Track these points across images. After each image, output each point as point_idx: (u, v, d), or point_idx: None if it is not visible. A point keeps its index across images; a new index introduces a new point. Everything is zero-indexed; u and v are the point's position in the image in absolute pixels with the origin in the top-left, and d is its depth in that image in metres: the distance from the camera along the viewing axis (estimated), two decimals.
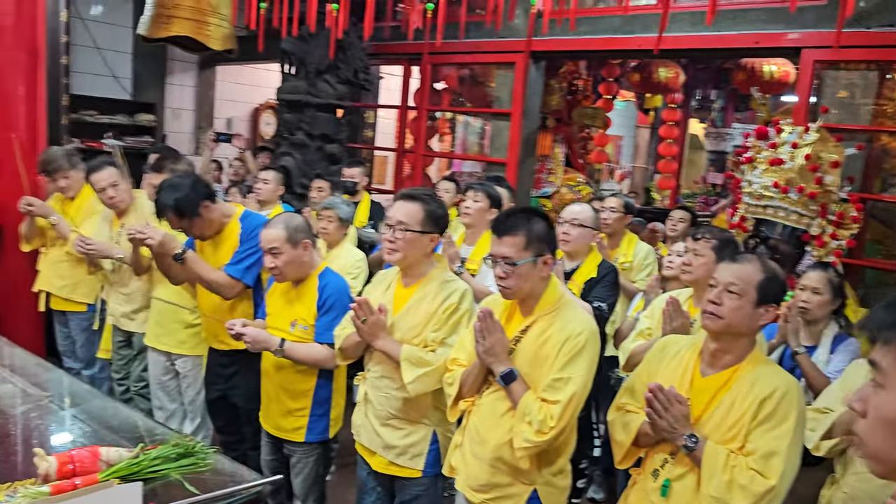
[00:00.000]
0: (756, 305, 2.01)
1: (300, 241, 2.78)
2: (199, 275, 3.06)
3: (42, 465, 1.57)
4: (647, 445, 2.15)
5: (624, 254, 4.27)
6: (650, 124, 12.26)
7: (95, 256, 3.79)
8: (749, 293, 2.01)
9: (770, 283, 2.03)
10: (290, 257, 2.76)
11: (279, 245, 2.74)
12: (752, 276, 2.03)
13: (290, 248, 2.75)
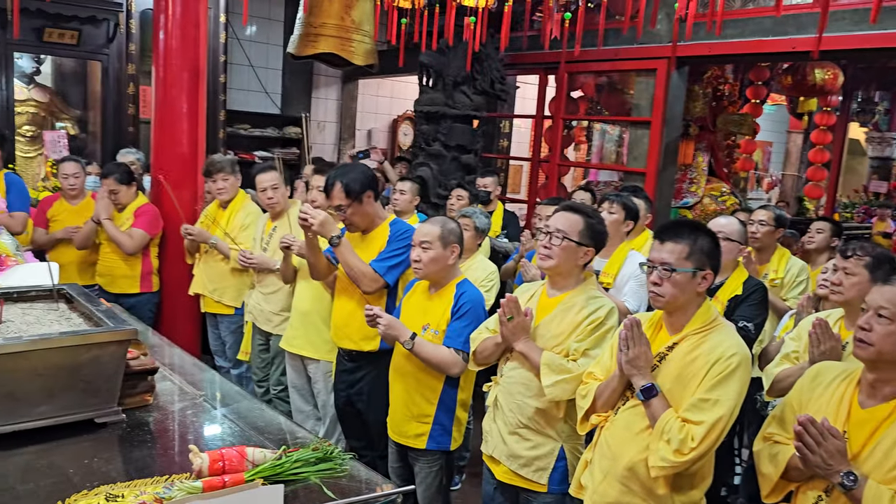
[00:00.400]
0: None
1: (450, 244, 2.85)
2: (347, 261, 3.13)
3: (196, 461, 1.68)
4: (797, 480, 2.00)
5: (774, 269, 4.01)
6: (804, 129, 11.46)
7: (256, 268, 4.05)
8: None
9: None
10: (437, 255, 2.82)
11: (431, 240, 2.82)
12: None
13: (440, 246, 2.82)
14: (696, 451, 2.00)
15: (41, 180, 6.12)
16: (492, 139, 7.61)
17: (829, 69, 7.70)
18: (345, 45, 5.28)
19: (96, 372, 1.91)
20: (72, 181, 4.58)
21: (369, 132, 9.10)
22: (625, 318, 2.21)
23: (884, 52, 4.59)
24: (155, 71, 4.71)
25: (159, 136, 4.76)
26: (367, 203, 3.19)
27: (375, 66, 5.74)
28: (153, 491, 1.61)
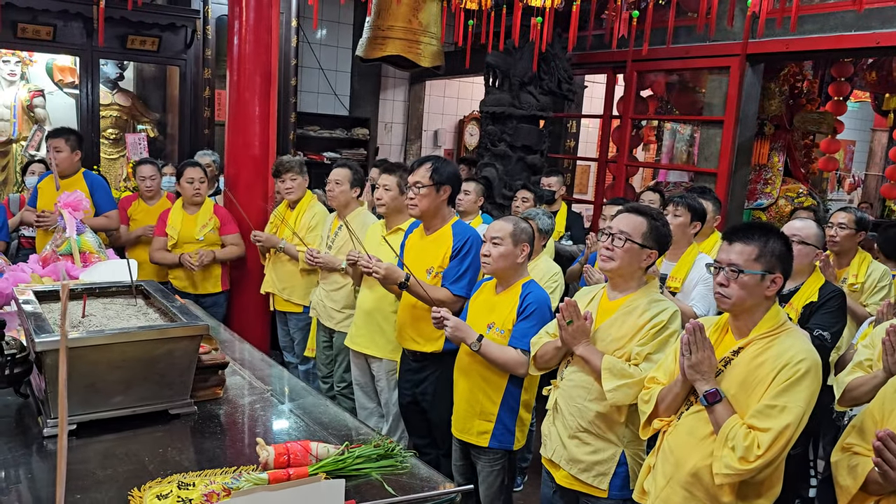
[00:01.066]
0: None
1: (521, 242, 2.87)
2: (422, 297, 3.18)
3: (262, 453, 1.73)
4: (878, 494, 1.92)
5: (854, 274, 3.84)
6: (889, 127, 10.92)
7: (323, 268, 4.14)
8: None
9: None
10: (507, 251, 2.84)
11: (502, 236, 2.85)
12: None
13: (510, 243, 2.85)
14: (762, 459, 1.94)
15: (123, 180, 6.41)
16: (558, 139, 7.54)
17: None
18: (412, 48, 5.34)
19: (170, 365, 1.99)
20: (148, 183, 4.79)
21: (436, 133, 9.16)
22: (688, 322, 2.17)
23: None
24: (229, 75, 4.86)
25: (233, 139, 4.91)
26: (443, 194, 3.24)
27: (442, 67, 5.78)
28: (222, 481, 1.67)
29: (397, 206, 3.63)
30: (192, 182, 4.52)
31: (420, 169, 3.24)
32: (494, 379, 2.87)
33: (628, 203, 2.63)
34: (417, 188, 3.22)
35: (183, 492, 1.61)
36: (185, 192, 4.56)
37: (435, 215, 3.31)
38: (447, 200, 3.30)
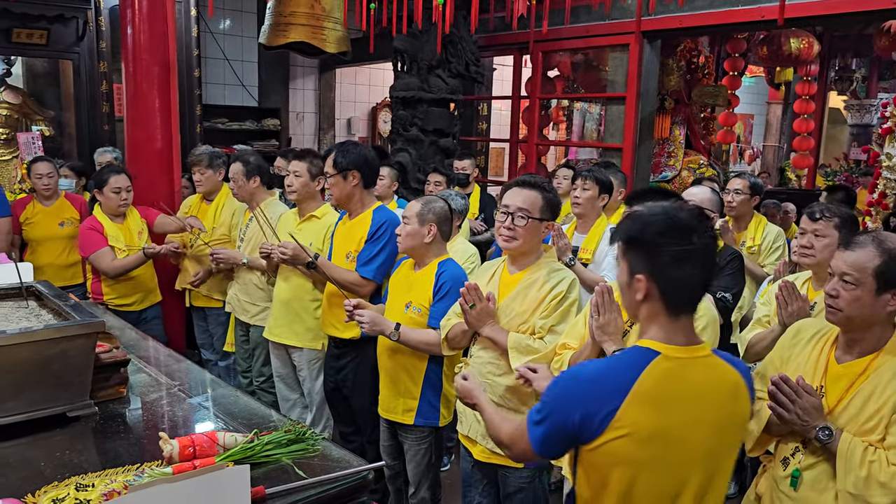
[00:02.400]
0: (878, 293, 1.86)
1: (427, 222, 2.88)
2: (332, 277, 3.22)
3: (166, 447, 1.69)
4: (779, 434, 2.04)
5: (751, 237, 4.04)
6: (782, 100, 11.50)
7: (225, 264, 4.09)
8: (867, 282, 1.86)
9: (890, 266, 1.85)
10: (412, 231, 2.87)
11: (409, 216, 2.89)
12: (867, 262, 1.87)
13: (416, 223, 2.87)
14: None
15: (17, 182, 6.08)
16: (470, 122, 7.59)
17: (804, 38, 7.72)
18: (316, 34, 5.24)
19: (66, 366, 1.91)
20: (45, 181, 4.53)
21: (349, 121, 9.08)
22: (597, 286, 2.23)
23: (851, 16, 4.59)
24: (125, 67, 4.67)
25: (133, 133, 4.72)
26: (352, 179, 3.24)
27: (349, 53, 5.70)
28: (123, 479, 1.62)
29: (309, 193, 3.60)
30: (119, 192, 4.07)
31: (328, 159, 3.27)
32: (414, 359, 2.89)
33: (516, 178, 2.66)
34: (327, 177, 3.27)
35: (81, 493, 1.55)
36: (110, 202, 4.08)
37: (350, 201, 3.31)
38: (363, 184, 3.29)
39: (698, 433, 1.52)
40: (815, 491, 1.90)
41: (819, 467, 1.90)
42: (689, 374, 1.53)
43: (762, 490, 2.08)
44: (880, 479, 1.75)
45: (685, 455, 1.52)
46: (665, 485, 1.52)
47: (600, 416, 1.47)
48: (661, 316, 1.55)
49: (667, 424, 1.49)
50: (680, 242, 1.50)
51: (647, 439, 1.47)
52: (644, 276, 1.53)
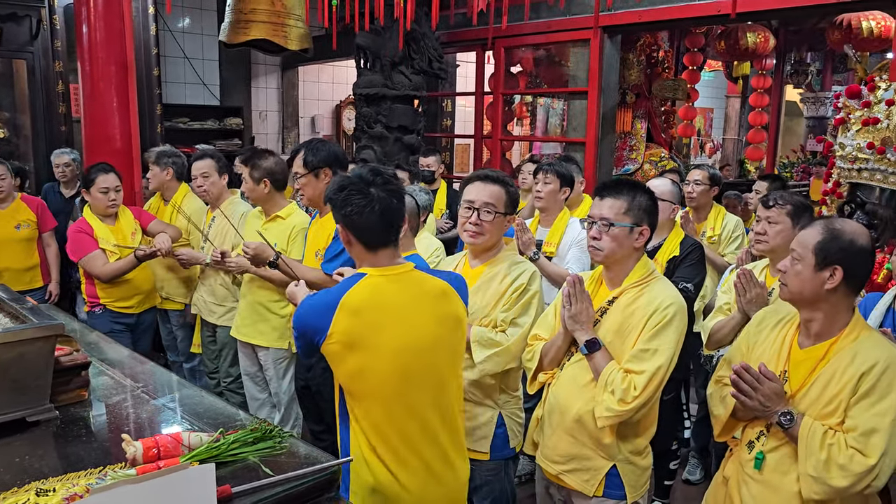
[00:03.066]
0: (817, 269, 1.92)
1: None
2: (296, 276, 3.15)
3: (129, 449, 1.67)
4: (744, 419, 2.09)
5: (711, 227, 4.13)
6: (740, 93, 11.71)
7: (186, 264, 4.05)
8: (807, 257, 1.93)
9: (830, 243, 1.92)
10: None
11: None
12: (810, 239, 1.95)
13: None
14: (638, 399, 2.08)
15: None
16: (435, 119, 7.60)
17: (760, 32, 7.87)
18: (277, 31, 5.21)
19: (23, 370, 1.87)
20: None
21: (313, 119, 9.02)
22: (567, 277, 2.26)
23: (804, 10, 4.70)
24: (81, 66, 4.59)
25: (91, 133, 4.65)
26: (323, 177, 3.20)
27: (310, 50, 5.68)
28: (85, 482, 1.59)
29: (256, 197, 3.56)
30: (107, 192, 3.92)
31: (296, 160, 3.21)
32: None
33: (477, 171, 2.68)
34: (297, 177, 3.20)
35: (42, 498, 1.52)
36: (98, 203, 3.93)
37: (322, 200, 3.27)
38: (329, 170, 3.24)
39: (419, 327, 1.97)
40: (777, 473, 1.95)
41: (782, 450, 1.95)
42: (392, 285, 1.99)
43: (729, 473, 2.12)
44: (839, 461, 1.80)
45: (408, 344, 1.95)
46: (397, 370, 1.94)
47: (321, 329, 1.91)
48: (364, 255, 2.01)
49: (375, 324, 1.92)
50: (361, 196, 1.94)
51: (356, 341, 1.91)
52: (340, 225, 2.00)
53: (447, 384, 2.06)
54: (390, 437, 1.97)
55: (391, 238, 2.01)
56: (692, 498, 3.84)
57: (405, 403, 1.97)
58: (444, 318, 2.04)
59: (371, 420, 1.97)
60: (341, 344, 1.91)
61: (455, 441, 2.10)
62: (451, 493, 2.10)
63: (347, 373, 1.95)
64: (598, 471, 2.21)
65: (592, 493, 2.21)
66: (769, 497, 1.96)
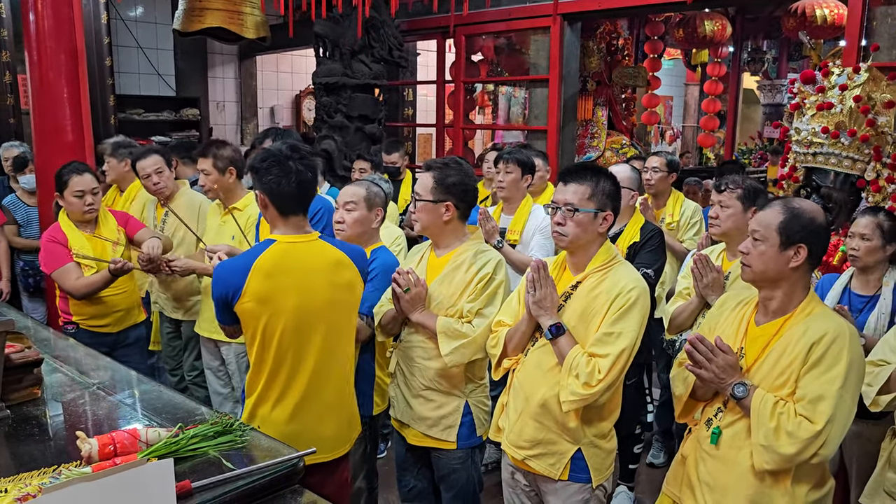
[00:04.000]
0: (782, 248, 1.95)
1: (376, 206, 2.84)
2: None
3: (84, 447, 1.62)
4: (704, 398, 2.12)
5: (670, 213, 4.17)
6: (699, 81, 11.87)
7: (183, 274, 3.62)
8: (771, 237, 1.97)
9: (792, 222, 1.96)
10: (362, 216, 2.81)
11: (356, 201, 2.80)
12: (772, 219, 1.98)
13: (364, 208, 2.81)
14: (603, 383, 2.08)
15: None
16: (396, 108, 7.55)
17: (718, 20, 7.97)
18: (233, 18, 5.11)
19: None
20: None
21: (272, 109, 8.89)
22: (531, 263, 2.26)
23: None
24: (28, 55, 4.43)
25: (40, 124, 4.49)
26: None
27: (268, 38, 5.58)
28: (38, 482, 1.55)
29: (223, 187, 3.50)
30: (83, 196, 3.41)
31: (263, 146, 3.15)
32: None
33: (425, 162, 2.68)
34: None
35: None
36: (73, 208, 3.42)
37: None
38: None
39: (315, 289, 2.22)
40: (733, 448, 1.98)
41: (738, 425, 1.98)
42: (297, 251, 2.23)
43: (687, 451, 2.15)
44: (787, 428, 1.84)
45: (306, 304, 2.19)
46: (295, 325, 2.18)
47: (236, 288, 2.14)
48: (277, 219, 2.24)
49: (281, 285, 2.16)
50: (280, 168, 2.18)
51: (265, 299, 2.15)
52: (258, 192, 2.22)
53: (337, 339, 2.32)
54: (286, 382, 2.22)
55: (302, 207, 2.26)
56: (656, 481, 3.87)
57: (294, 355, 2.22)
58: (339, 284, 2.28)
59: (272, 368, 2.21)
60: (254, 301, 2.14)
61: (345, 388, 2.40)
62: (339, 431, 2.37)
63: (256, 328, 2.17)
64: (563, 455, 2.22)
65: (558, 477, 2.22)
66: (724, 472, 1.99)
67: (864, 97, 3.29)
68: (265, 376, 2.22)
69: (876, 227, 2.82)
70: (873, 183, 3.33)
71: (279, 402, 2.22)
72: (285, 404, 2.22)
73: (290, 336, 2.19)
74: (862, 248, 2.83)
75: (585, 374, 2.09)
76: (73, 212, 3.45)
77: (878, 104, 3.32)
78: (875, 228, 2.82)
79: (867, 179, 3.35)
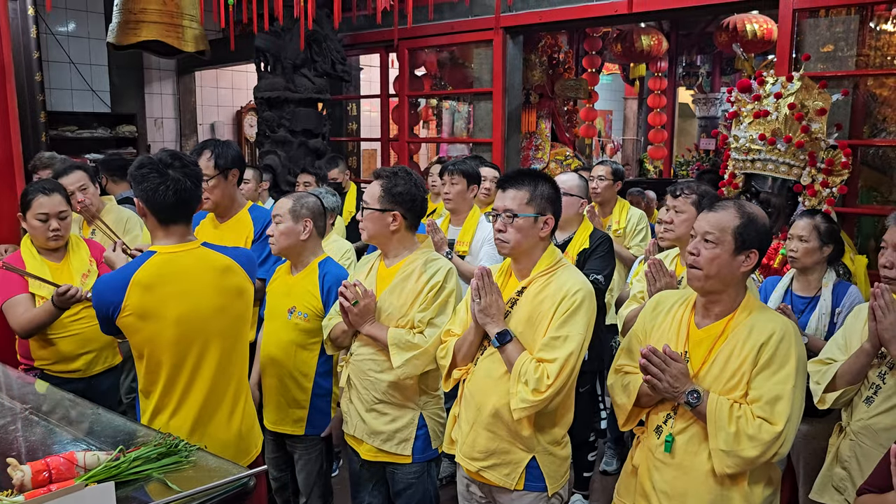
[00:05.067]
0: (735, 253, 1.96)
1: (302, 217, 2.78)
2: None
3: (16, 474, 1.52)
4: (649, 405, 2.10)
5: (617, 220, 4.22)
6: (637, 95, 12.16)
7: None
8: (726, 241, 1.96)
9: (748, 227, 1.96)
10: (287, 229, 2.76)
11: (282, 214, 2.77)
12: (728, 223, 1.97)
13: (290, 220, 2.76)
14: (552, 388, 2.06)
15: None
16: (340, 123, 7.49)
17: (654, 35, 8.20)
18: (170, 31, 4.98)
19: None
20: None
21: (212, 125, 8.71)
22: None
23: (694, 10, 4.89)
24: None
25: None
26: (232, 179, 3.11)
27: (207, 52, 5.47)
28: None
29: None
30: (47, 220, 2.99)
31: (201, 159, 2.99)
32: (304, 367, 2.78)
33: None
34: (205, 180, 2.95)
35: None
36: (37, 233, 3.00)
37: (231, 203, 3.15)
38: (238, 172, 3.15)
39: (201, 297, 2.18)
40: (689, 454, 1.97)
41: (691, 430, 1.97)
42: (179, 261, 2.18)
43: (638, 460, 2.13)
44: (748, 432, 1.84)
45: (191, 312, 2.15)
46: (181, 335, 2.14)
47: (115, 304, 2.09)
48: (157, 229, 2.20)
49: (163, 296, 2.11)
50: (158, 176, 2.12)
51: (147, 313, 2.10)
52: (137, 199, 2.17)
53: (232, 345, 2.29)
54: (183, 391, 2.19)
55: (183, 216, 2.21)
56: (610, 488, 3.88)
57: (187, 364, 2.19)
58: (226, 290, 2.25)
59: (167, 380, 2.18)
60: (135, 316, 2.10)
61: (244, 395, 2.36)
62: (242, 441, 2.33)
63: (141, 341, 2.14)
64: (517, 464, 2.19)
65: (514, 487, 2.19)
66: (681, 479, 1.98)
67: (798, 104, 3.40)
68: (160, 387, 2.18)
69: (813, 228, 2.90)
70: (809, 187, 3.44)
71: (176, 412, 2.18)
72: (183, 415, 2.19)
73: (178, 346, 2.16)
74: (800, 249, 2.90)
75: (535, 380, 2.06)
76: (37, 237, 3.02)
77: (811, 111, 3.44)
78: (812, 230, 2.90)
79: (803, 184, 3.46)
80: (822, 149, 3.45)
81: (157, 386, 2.17)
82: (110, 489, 1.29)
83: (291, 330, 2.75)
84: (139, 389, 2.24)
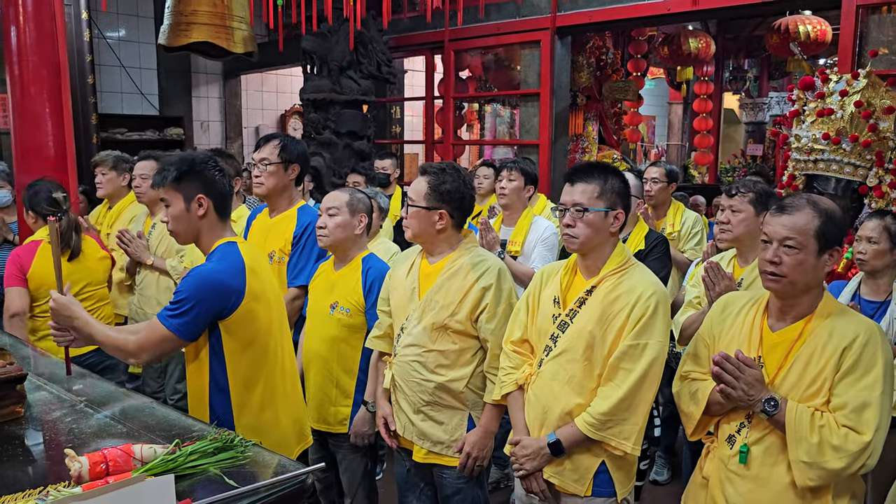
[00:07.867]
0: (819, 254, 1.84)
1: (358, 212, 2.77)
2: None
3: (73, 465, 1.49)
4: (719, 414, 1.98)
5: (671, 223, 4.11)
6: (682, 100, 11.97)
7: (133, 255, 3.69)
8: (809, 244, 1.83)
9: (828, 225, 1.83)
10: (343, 221, 2.73)
11: (339, 206, 2.74)
12: (808, 224, 1.84)
13: (347, 213, 2.74)
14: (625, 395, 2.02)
15: None
16: (384, 126, 7.49)
17: (702, 38, 8.04)
18: (220, 33, 5.02)
19: None
20: None
21: (257, 129, 8.79)
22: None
23: (754, 7, 4.77)
24: (9, 70, 4.30)
25: (22, 141, 4.34)
26: (290, 175, 3.12)
27: (255, 54, 5.50)
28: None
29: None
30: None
31: (267, 146, 3.07)
32: (347, 364, 2.74)
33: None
34: (264, 165, 3.06)
35: None
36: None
37: (281, 195, 3.15)
38: (295, 181, 3.15)
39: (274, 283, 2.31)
40: (766, 465, 1.85)
41: (767, 440, 1.86)
42: (250, 247, 2.26)
43: (709, 472, 2.01)
44: (833, 442, 1.73)
45: (275, 295, 2.27)
46: (280, 317, 2.28)
47: (239, 291, 2.07)
48: (215, 223, 2.17)
49: (263, 280, 2.18)
50: (219, 170, 2.15)
51: (258, 295, 2.13)
52: (202, 195, 2.12)
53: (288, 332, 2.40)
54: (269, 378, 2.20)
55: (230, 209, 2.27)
56: (661, 499, 3.78)
57: (285, 347, 2.28)
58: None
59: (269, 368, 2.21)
60: (255, 301, 2.12)
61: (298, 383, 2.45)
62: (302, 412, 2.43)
63: (257, 328, 2.14)
64: (587, 469, 2.10)
65: (584, 493, 2.10)
66: (758, 492, 1.86)
67: (865, 102, 3.27)
68: (262, 379, 2.19)
69: (883, 229, 2.77)
70: (876, 189, 3.30)
71: (269, 405, 2.22)
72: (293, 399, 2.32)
73: (281, 329, 2.26)
74: (869, 251, 2.78)
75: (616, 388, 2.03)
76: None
77: (878, 110, 3.30)
78: (882, 231, 2.77)
79: (869, 185, 3.32)
80: (890, 148, 3.30)
81: (261, 374, 2.18)
82: (170, 482, 1.25)
83: (334, 326, 2.71)
84: (229, 387, 2.14)
